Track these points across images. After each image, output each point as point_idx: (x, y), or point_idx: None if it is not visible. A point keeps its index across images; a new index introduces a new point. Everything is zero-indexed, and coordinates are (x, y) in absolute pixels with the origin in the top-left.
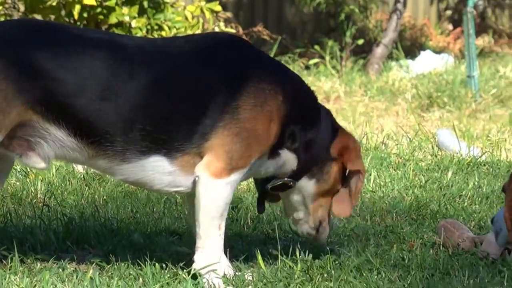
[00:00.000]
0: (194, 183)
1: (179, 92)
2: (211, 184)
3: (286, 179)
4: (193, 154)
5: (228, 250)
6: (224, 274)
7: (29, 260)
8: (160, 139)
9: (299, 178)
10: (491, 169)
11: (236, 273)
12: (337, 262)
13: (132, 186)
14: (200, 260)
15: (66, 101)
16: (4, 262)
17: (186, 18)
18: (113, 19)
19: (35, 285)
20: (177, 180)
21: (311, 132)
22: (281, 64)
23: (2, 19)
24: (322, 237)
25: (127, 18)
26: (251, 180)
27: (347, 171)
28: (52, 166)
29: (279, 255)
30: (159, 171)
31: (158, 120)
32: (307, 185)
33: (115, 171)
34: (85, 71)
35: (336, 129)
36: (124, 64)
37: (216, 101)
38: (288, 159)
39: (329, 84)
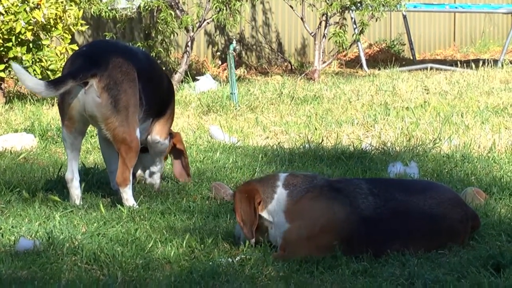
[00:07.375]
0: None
1: (160, 90)
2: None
3: None
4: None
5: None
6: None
7: None
8: (152, 112)
9: None
10: (243, 151)
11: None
12: (149, 209)
13: (21, 160)
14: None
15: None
16: None
17: (57, 55)
18: (10, 55)
19: None
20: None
21: None
22: None
23: None
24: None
25: (19, 54)
26: (93, 160)
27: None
28: None
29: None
30: (147, 128)
31: (154, 104)
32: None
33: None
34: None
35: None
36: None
37: (168, 96)
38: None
39: None
